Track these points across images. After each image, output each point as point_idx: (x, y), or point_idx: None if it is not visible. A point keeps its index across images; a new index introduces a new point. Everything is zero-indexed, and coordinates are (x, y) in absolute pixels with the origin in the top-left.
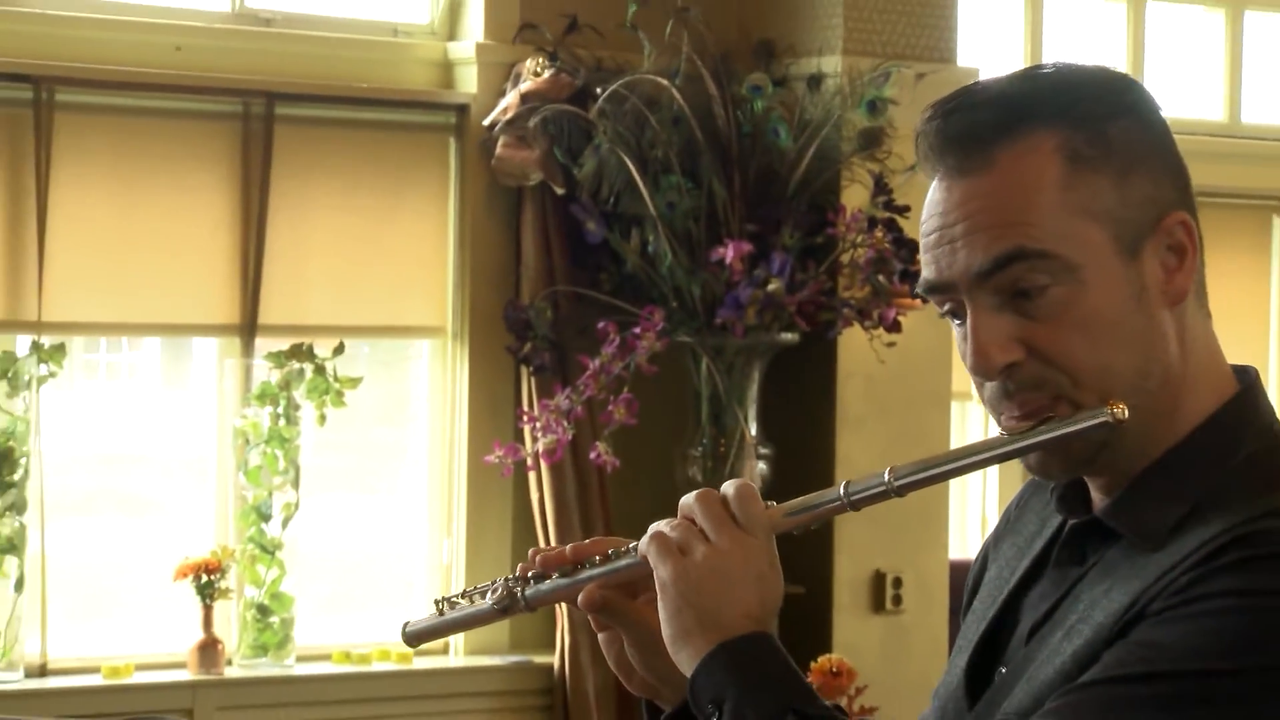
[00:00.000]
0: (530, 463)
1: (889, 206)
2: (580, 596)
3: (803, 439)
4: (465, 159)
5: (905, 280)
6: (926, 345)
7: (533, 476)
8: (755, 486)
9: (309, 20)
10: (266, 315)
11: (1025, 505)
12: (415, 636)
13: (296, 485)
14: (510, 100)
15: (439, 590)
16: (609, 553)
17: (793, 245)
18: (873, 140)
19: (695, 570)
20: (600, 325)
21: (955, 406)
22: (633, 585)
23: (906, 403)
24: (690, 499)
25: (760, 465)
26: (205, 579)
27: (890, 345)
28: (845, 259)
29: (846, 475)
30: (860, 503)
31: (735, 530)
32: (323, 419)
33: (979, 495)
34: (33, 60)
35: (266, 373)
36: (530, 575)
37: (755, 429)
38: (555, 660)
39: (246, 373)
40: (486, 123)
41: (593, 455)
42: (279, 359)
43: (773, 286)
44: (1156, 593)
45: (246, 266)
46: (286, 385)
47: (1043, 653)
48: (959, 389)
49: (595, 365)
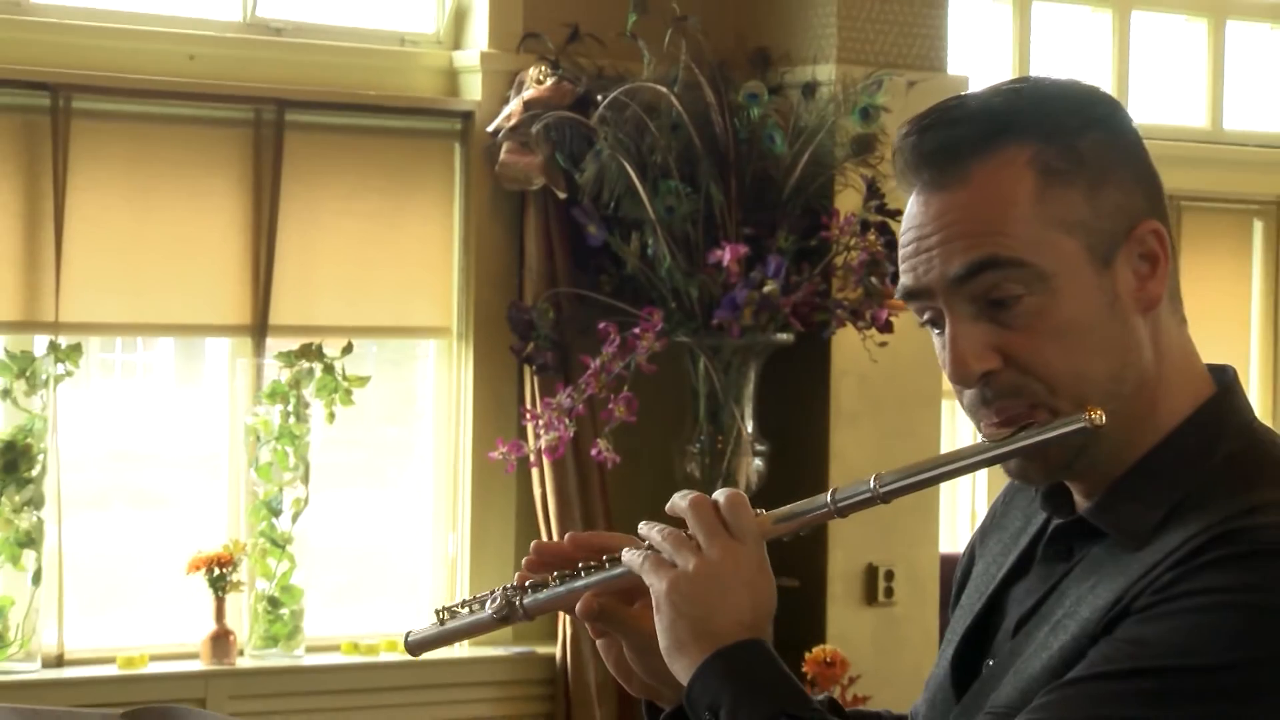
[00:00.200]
0: (533, 459)
1: (881, 210)
2: (578, 606)
3: (798, 436)
4: (470, 164)
5: (897, 282)
6: (917, 345)
7: (535, 472)
8: (745, 495)
9: (318, 30)
10: (277, 316)
11: (1010, 502)
12: (417, 646)
13: (306, 481)
14: (514, 107)
15: (445, 582)
16: (605, 560)
17: (788, 248)
18: (865, 146)
19: (688, 581)
20: (601, 326)
21: (945, 405)
22: (629, 592)
23: (898, 400)
24: (683, 504)
25: (756, 461)
26: (217, 572)
27: (882, 345)
28: (839, 261)
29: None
30: (847, 510)
31: (727, 539)
32: (332, 417)
33: (968, 491)
34: (50, 68)
35: (277, 372)
36: (528, 585)
37: (751, 426)
38: (557, 651)
39: (258, 372)
40: (491, 129)
41: (594, 452)
42: (289, 358)
43: (768, 288)
44: (1141, 590)
45: (258, 268)
46: (296, 384)
47: (1029, 647)
48: (948, 387)
49: (596, 364)
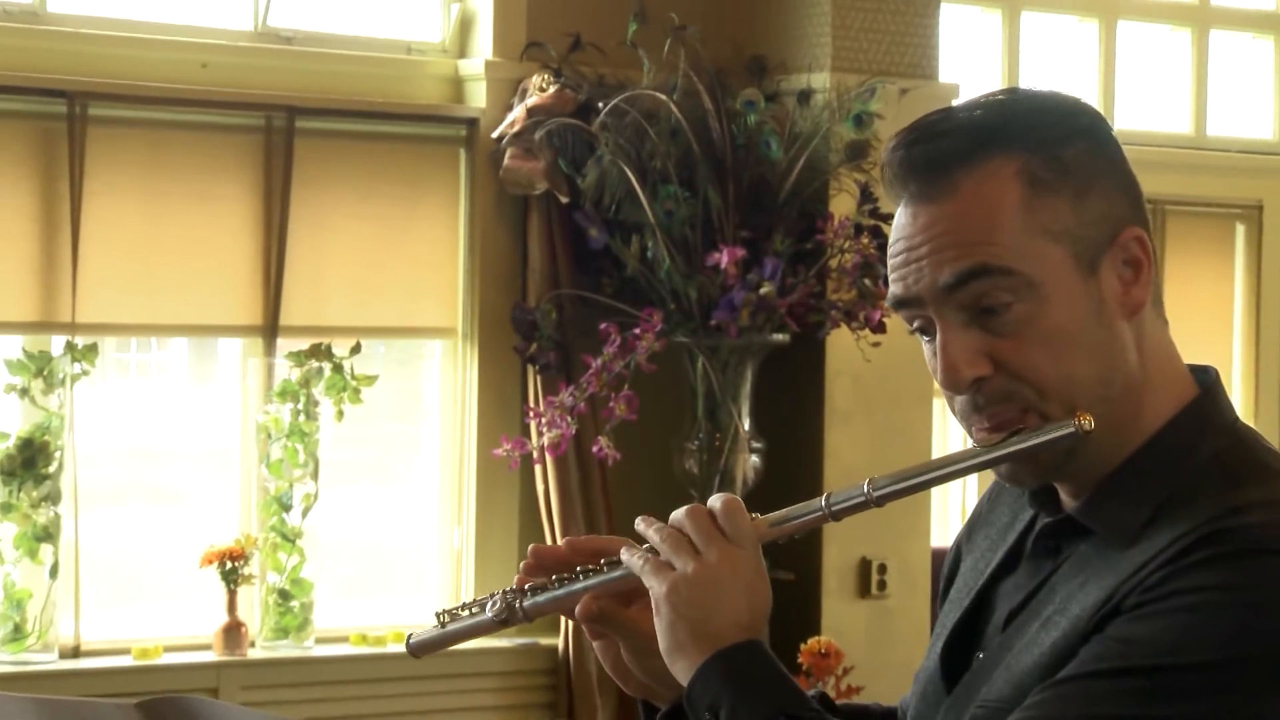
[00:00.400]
0: (536, 456)
1: (875, 214)
2: (578, 609)
3: (793, 433)
4: (475, 170)
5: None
6: (910, 345)
7: (538, 469)
8: (740, 501)
9: (328, 39)
10: (287, 317)
11: (996, 499)
12: (419, 648)
13: (316, 477)
14: (517, 114)
15: (450, 575)
16: (602, 563)
17: (784, 251)
18: (859, 152)
19: (687, 585)
20: (602, 326)
21: (936, 404)
22: (627, 594)
23: (891, 399)
24: (680, 515)
25: (753, 458)
26: (229, 565)
27: (875, 345)
28: (833, 264)
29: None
30: (841, 513)
31: (724, 543)
32: (340, 415)
33: (959, 487)
34: (67, 76)
35: (287, 371)
36: (527, 588)
37: (748, 424)
38: (560, 642)
39: (269, 371)
40: (495, 135)
41: (595, 449)
42: (299, 358)
43: (765, 290)
44: (1130, 589)
45: (269, 271)
46: (306, 383)
47: (1020, 641)
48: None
49: (597, 364)
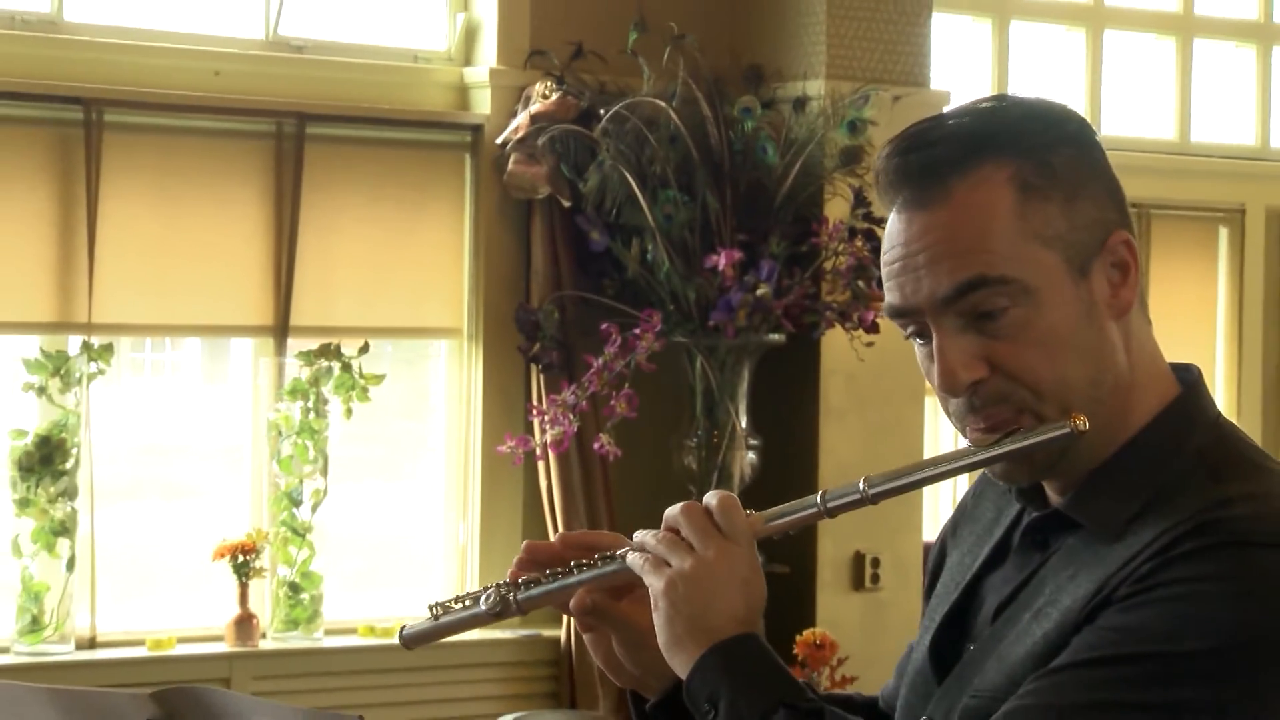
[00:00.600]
0: (539, 453)
1: (868, 218)
2: (572, 602)
3: (789, 430)
4: (480, 174)
5: (882, 286)
6: (902, 345)
7: (541, 465)
8: (735, 498)
9: (337, 47)
10: (298, 317)
11: (981, 495)
12: (412, 640)
13: (325, 473)
14: (521, 121)
15: (456, 568)
16: (596, 558)
17: (780, 253)
18: (853, 157)
19: (684, 580)
20: (603, 327)
21: (928, 401)
22: (618, 589)
23: (884, 397)
24: (675, 512)
25: (750, 455)
26: (241, 559)
27: (869, 345)
28: (828, 266)
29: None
30: (837, 510)
31: (720, 540)
32: (349, 412)
33: (950, 484)
34: (84, 84)
35: (298, 370)
36: (522, 581)
37: (745, 421)
38: (562, 634)
39: (279, 370)
40: (499, 141)
41: (596, 446)
42: (309, 357)
43: (761, 291)
44: (1120, 580)
45: (279, 273)
46: (316, 382)
47: (1011, 632)
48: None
49: (599, 363)
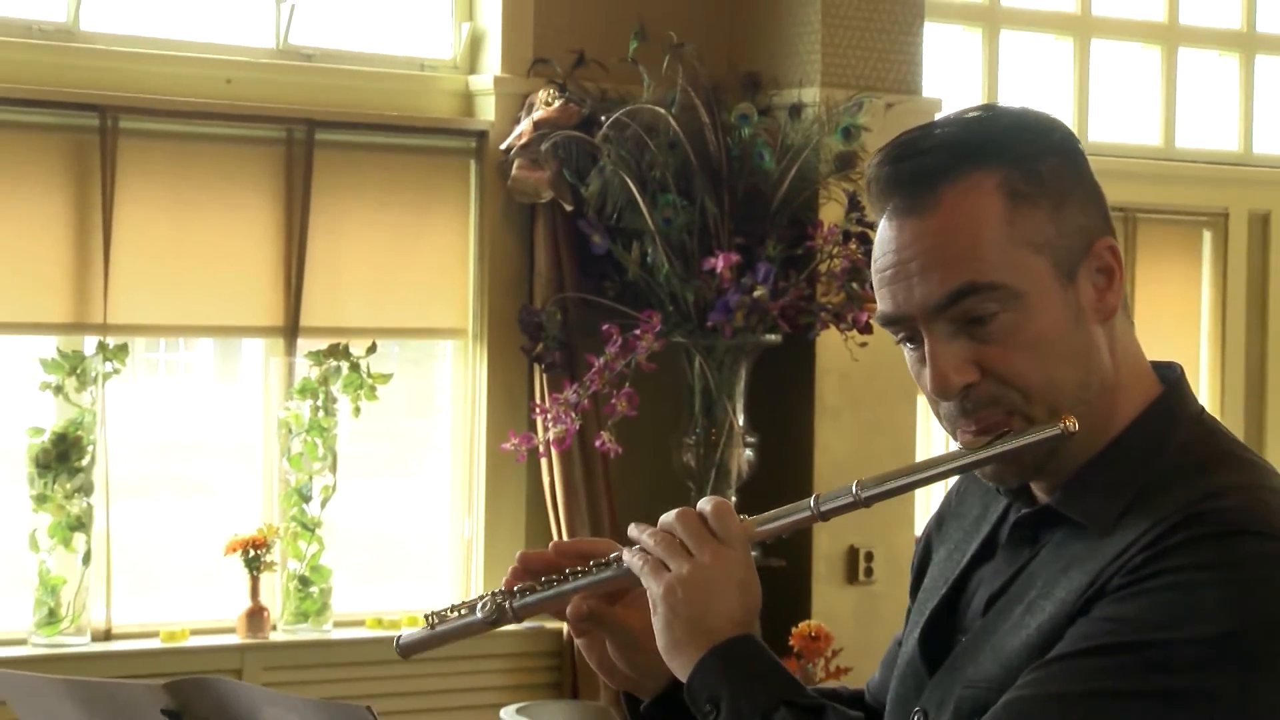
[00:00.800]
0: (542, 450)
1: (862, 222)
2: (569, 609)
3: (785, 428)
4: (484, 179)
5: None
6: (895, 346)
7: (544, 462)
8: (729, 502)
9: (346, 56)
10: (307, 318)
11: (965, 493)
12: (408, 649)
13: (334, 470)
14: (524, 127)
15: (461, 562)
16: (590, 564)
17: (776, 256)
18: (847, 163)
19: (682, 584)
20: (604, 327)
21: (920, 400)
22: (612, 594)
23: (877, 396)
24: (671, 518)
25: (747, 452)
26: (252, 553)
27: (863, 345)
28: (823, 268)
29: (824, 461)
30: (830, 514)
31: (715, 544)
32: (357, 411)
33: (941, 482)
34: (99, 91)
35: (307, 370)
36: (517, 589)
37: (743, 420)
38: (564, 626)
39: (289, 370)
40: (503, 147)
41: (598, 443)
42: (318, 357)
43: (758, 293)
44: (1114, 572)
45: (290, 275)
46: (325, 381)
47: (1004, 624)
48: None
49: (600, 363)
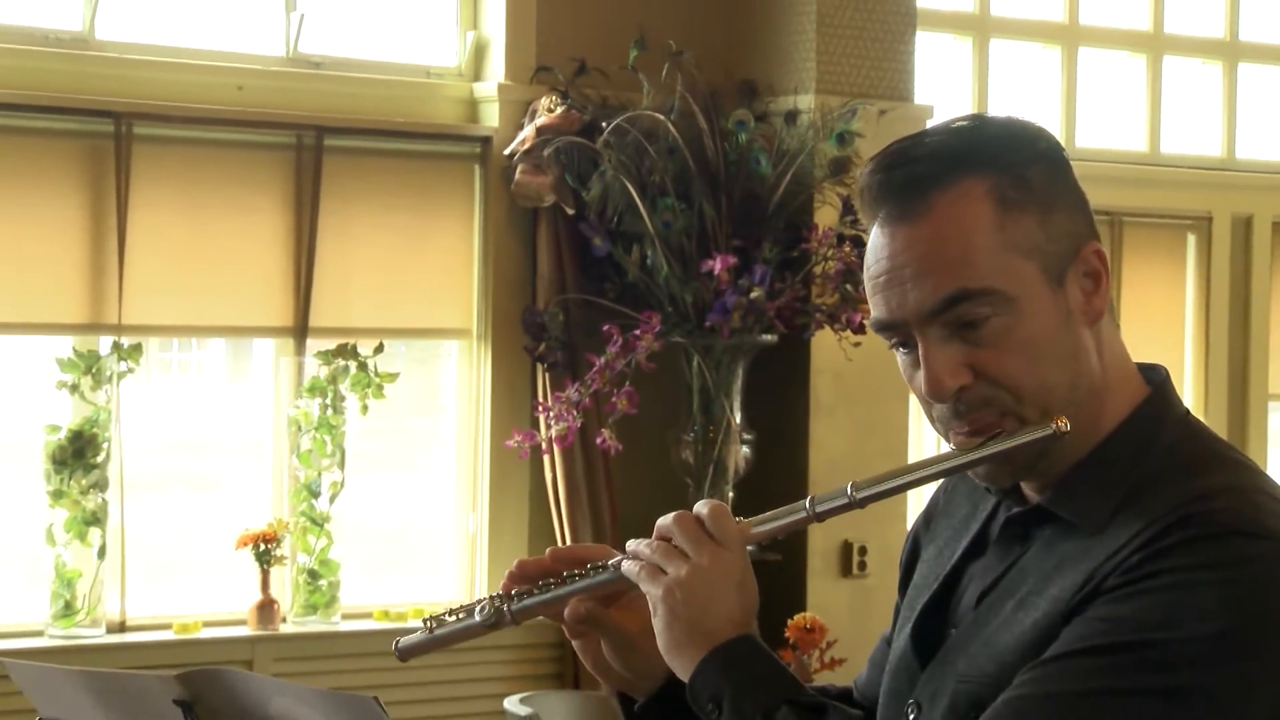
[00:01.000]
0: (544, 447)
1: (855, 225)
2: (568, 611)
3: (781, 426)
4: (488, 184)
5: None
6: (887, 347)
7: (547, 459)
8: (726, 505)
9: (353, 64)
10: (316, 319)
11: (953, 491)
12: (406, 652)
13: (342, 466)
14: (527, 133)
15: (466, 556)
16: (588, 568)
17: (772, 258)
18: (841, 168)
19: (681, 587)
20: (605, 328)
21: (912, 399)
22: (607, 597)
23: (871, 395)
24: (668, 521)
25: (744, 449)
26: (263, 547)
27: (856, 345)
28: (817, 270)
29: (819, 458)
30: (825, 515)
31: (713, 546)
32: (365, 409)
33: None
34: (114, 98)
35: (316, 369)
36: (514, 593)
37: (740, 417)
38: None
39: (299, 369)
40: (507, 153)
41: (599, 440)
42: (327, 357)
43: (755, 294)
44: (1109, 572)
45: (299, 277)
46: (334, 380)
47: (996, 619)
48: None
49: (601, 362)
